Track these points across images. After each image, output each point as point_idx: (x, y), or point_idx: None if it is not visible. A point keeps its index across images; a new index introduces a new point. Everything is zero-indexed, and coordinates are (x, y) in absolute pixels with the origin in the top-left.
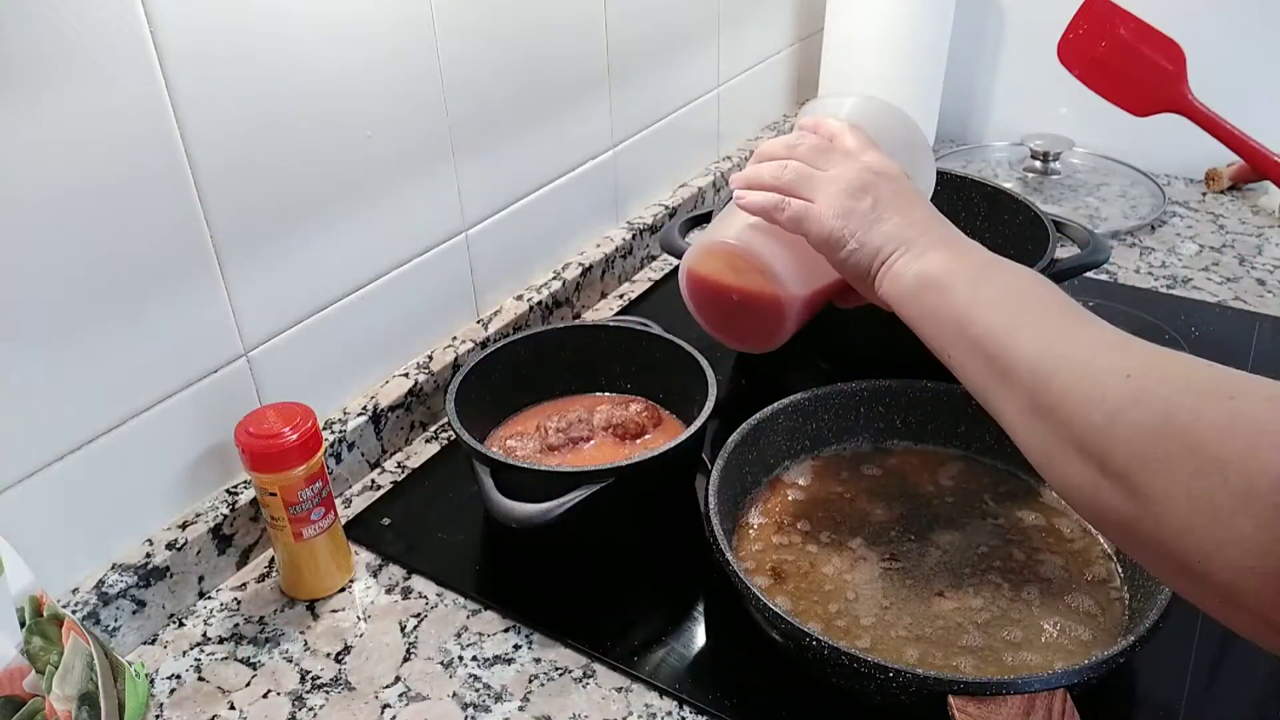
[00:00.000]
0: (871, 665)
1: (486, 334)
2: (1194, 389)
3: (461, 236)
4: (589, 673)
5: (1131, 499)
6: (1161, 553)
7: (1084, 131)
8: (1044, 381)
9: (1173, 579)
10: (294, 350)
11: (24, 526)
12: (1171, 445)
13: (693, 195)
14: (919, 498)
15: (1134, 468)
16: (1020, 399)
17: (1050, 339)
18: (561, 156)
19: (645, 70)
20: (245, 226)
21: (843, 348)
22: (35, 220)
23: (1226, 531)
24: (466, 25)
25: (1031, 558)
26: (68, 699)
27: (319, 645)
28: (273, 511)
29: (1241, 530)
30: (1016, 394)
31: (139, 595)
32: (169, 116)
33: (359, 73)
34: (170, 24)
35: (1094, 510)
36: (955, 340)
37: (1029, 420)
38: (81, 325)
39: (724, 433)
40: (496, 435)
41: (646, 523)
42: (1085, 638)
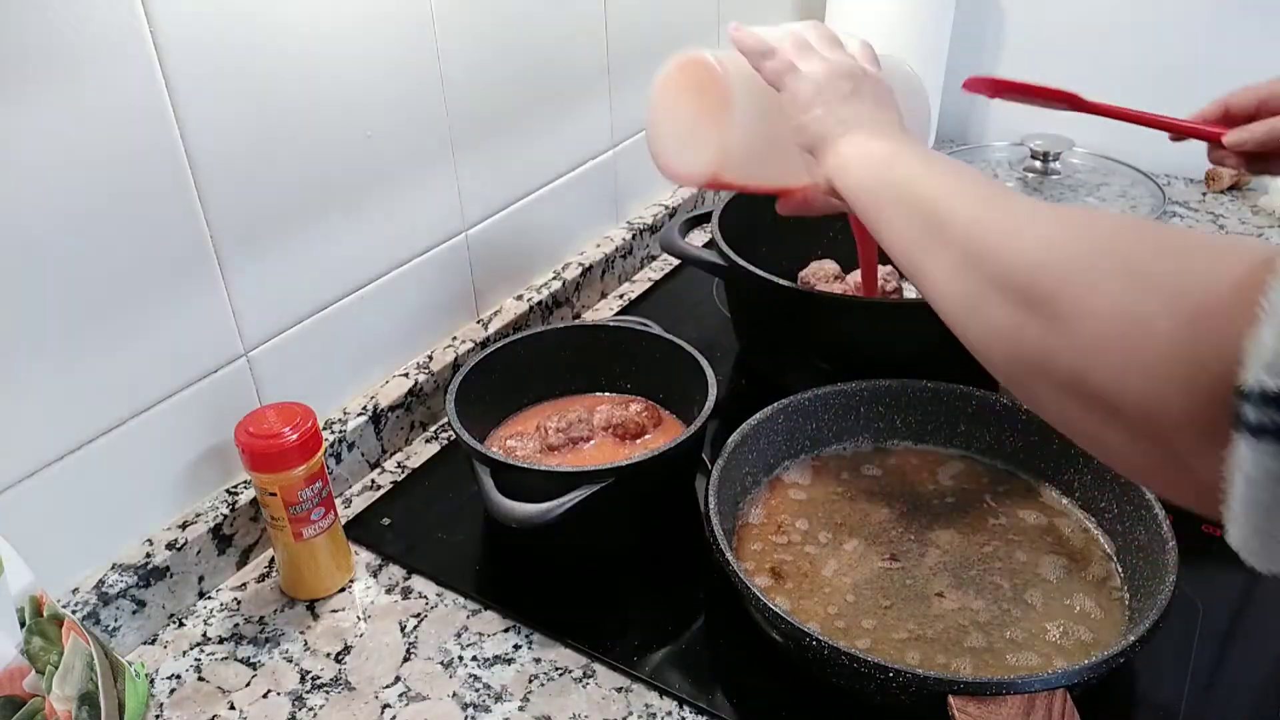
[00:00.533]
0: (871, 665)
1: (486, 334)
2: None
3: (461, 236)
4: (589, 673)
5: (1052, 326)
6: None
7: (1084, 131)
8: (980, 233)
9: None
10: (294, 350)
11: (24, 526)
12: (1103, 264)
13: (693, 195)
14: (919, 498)
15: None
16: (952, 253)
17: (992, 201)
18: (561, 156)
19: (645, 70)
20: (245, 227)
21: (843, 348)
22: (35, 221)
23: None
24: (466, 26)
25: (1032, 558)
26: (68, 699)
27: (319, 645)
28: (273, 511)
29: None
30: (949, 249)
31: (139, 595)
32: (169, 117)
33: (359, 73)
34: (170, 25)
35: (1013, 352)
36: (894, 203)
37: (957, 272)
38: (81, 325)
39: (724, 433)
40: (496, 435)
41: (646, 523)
42: (1085, 638)
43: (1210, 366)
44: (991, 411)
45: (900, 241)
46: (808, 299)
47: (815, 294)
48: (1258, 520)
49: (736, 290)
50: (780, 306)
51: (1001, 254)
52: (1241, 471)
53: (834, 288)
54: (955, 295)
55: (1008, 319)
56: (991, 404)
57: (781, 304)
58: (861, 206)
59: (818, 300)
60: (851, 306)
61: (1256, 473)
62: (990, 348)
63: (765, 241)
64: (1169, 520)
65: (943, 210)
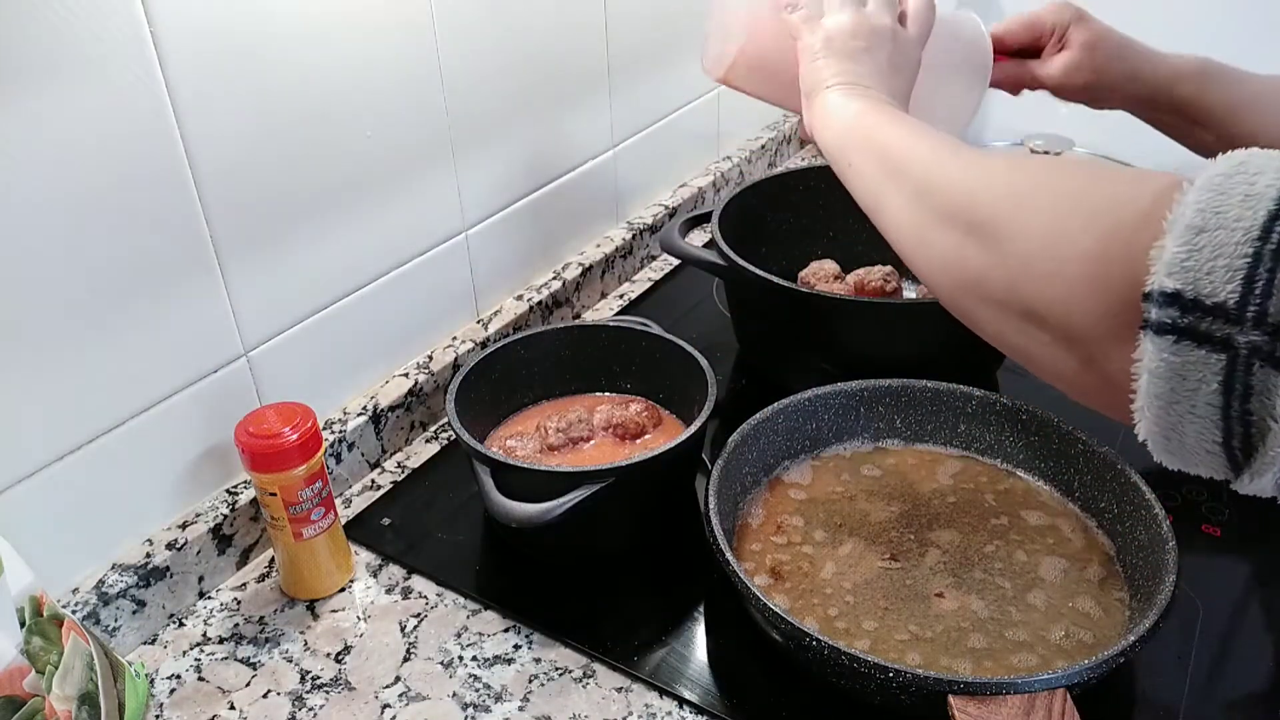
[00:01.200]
0: (871, 665)
1: (486, 334)
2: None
3: (461, 236)
4: (589, 673)
5: (989, 248)
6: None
7: (1084, 131)
8: (931, 172)
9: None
10: (294, 350)
11: (24, 526)
12: (1034, 191)
13: (693, 195)
14: (919, 498)
15: (995, 214)
16: (906, 189)
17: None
18: (561, 156)
19: (645, 70)
20: (245, 226)
21: (843, 348)
22: (35, 220)
23: (1069, 251)
24: (466, 25)
25: (1032, 558)
26: (68, 699)
27: (319, 645)
28: (273, 511)
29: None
30: (904, 186)
31: (139, 595)
32: (169, 117)
33: (359, 73)
34: (170, 24)
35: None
36: (860, 149)
37: (910, 206)
38: (81, 325)
39: (724, 433)
40: (496, 435)
41: (646, 523)
42: (1086, 638)
43: (1122, 275)
44: (991, 411)
45: (863, 182)
46: (808, 299)
47: (815, 294)
48: (1159, 412)
49: (736, 290)
50: (780, 306)
51: (947, 188)
52: (1146, 367)
53: (834, 288)
54: (908, 227)
55: (952, 245)
56: (991, 404)
57: (781, 304)
58: (832, 152)
59: (818, 300)
60: (851, 306)
61: (1158, 366)
62: (936, 273)
63: (765, 241)
64: (1169, 520)
65: (901, 154)
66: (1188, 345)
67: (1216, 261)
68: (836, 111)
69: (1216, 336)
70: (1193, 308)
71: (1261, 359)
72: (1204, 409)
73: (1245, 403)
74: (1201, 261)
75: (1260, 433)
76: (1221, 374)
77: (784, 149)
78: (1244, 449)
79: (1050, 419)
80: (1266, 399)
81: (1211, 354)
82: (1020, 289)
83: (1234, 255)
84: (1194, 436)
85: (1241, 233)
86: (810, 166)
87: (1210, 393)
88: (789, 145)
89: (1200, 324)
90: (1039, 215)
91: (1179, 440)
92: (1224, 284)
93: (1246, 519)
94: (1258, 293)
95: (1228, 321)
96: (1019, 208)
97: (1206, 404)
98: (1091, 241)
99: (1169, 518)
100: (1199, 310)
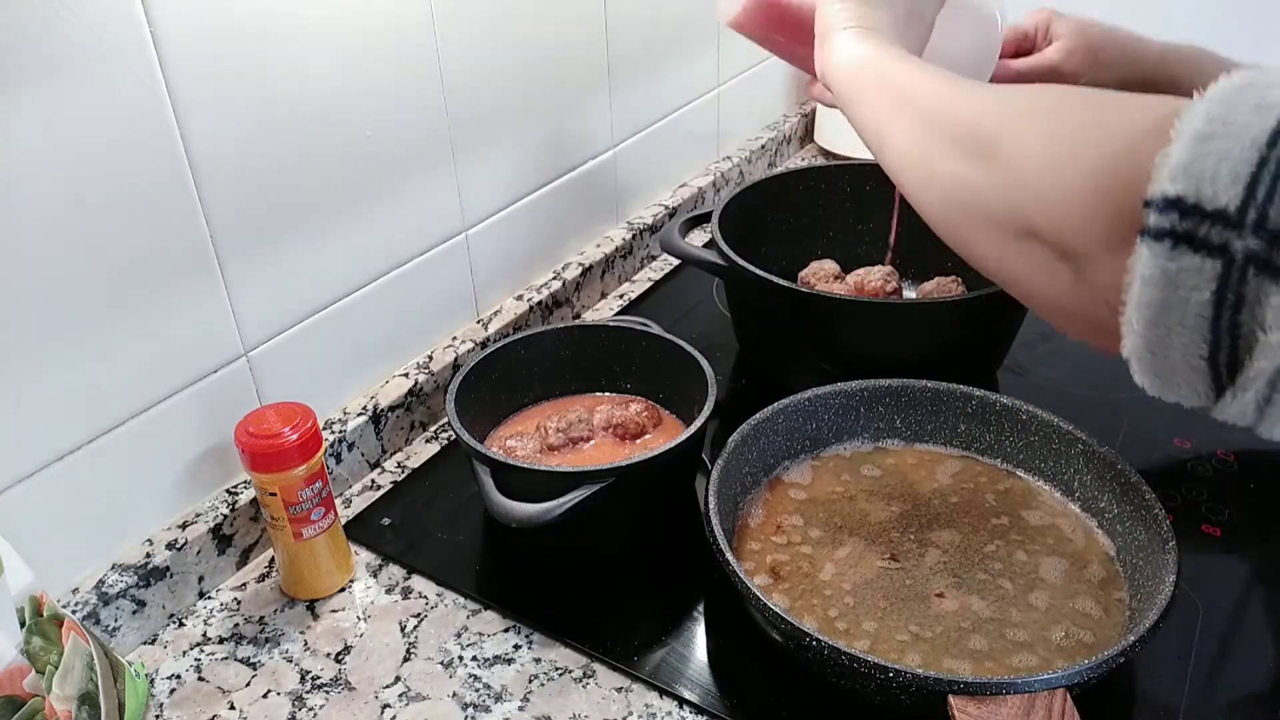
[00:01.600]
0: (871, 665)
1: (486, 334)
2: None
3: (461, 236)
4: (589, 673)
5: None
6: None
7: None
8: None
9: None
10: (294, 350)
11: (24, 526)
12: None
13: (693, 195)
14: (919, 498)
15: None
16: (914, 118)
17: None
18: (561, 156)
19: (645, 70)
20: (245, 226)
21: (843, 348)
22: (35, 220)
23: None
24: (467, 25)
25: (1032, 558)
26: (68, 699)
27: (319, 645)
28: (273, 511)
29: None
30: (912, 116)
31: (139, 595)
32: (169, 117)
33: (359, 73)
34: (170, 25)
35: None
36: (870, 83)
37: (915, 133)
38: (82, 325)
39: (724, 433)
40: (496, 435)
41: (646, 523)
42: (1086, 639)
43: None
44: (991, 411)
45: (872, 115)
46: (808, 299)
47: (815, 294)
48: (1148, 323)
49: (736, 290)
50: (780, 306)
51: (955, 114)
52: (1139, 274)
53: (834, 288)
54: (913, 156)
55: (956, 170)
56: (991, 404)
57: (781, 304)
58: (841, 88)
59: (818, 300)
60: (851, 306)
61: (1151, 273)
62: (937, 200)
63: (765, 241)
64: (1169, 520)
65: (910, 87)
66: (1184, 250)
67: (1221, 167)
68: (849, 50)
69: (1214, 242)
70: (1193, 212)
71: (1257, 266)
72: (1193, 320)
73: (1236, 313)
74: (1206, 167)
75: (1247, 346)
76: (1215, 282)
77: (784, 149)
78: (1229, 365)
79: (1050, 419)
80: (1258, 309)
81: (1207, 260)
82: (1020, 203)
83: (1239, 160)
84: (1180, 350)
85: (1249, 139)
86: (810, 166)
87: (1201, 302)
88: (789, 145)
89: (1199, 229)
90: (1044, 131)
91: (1164, 356)
92: (1227, 188)
93: (1246, 519)
94: (1259, 198)
95: (1227, 226)
96: (1025, 125)
97: (1197, 315)
98: (1096, 151)
99: (1169, 518)
100: (1199, 215)
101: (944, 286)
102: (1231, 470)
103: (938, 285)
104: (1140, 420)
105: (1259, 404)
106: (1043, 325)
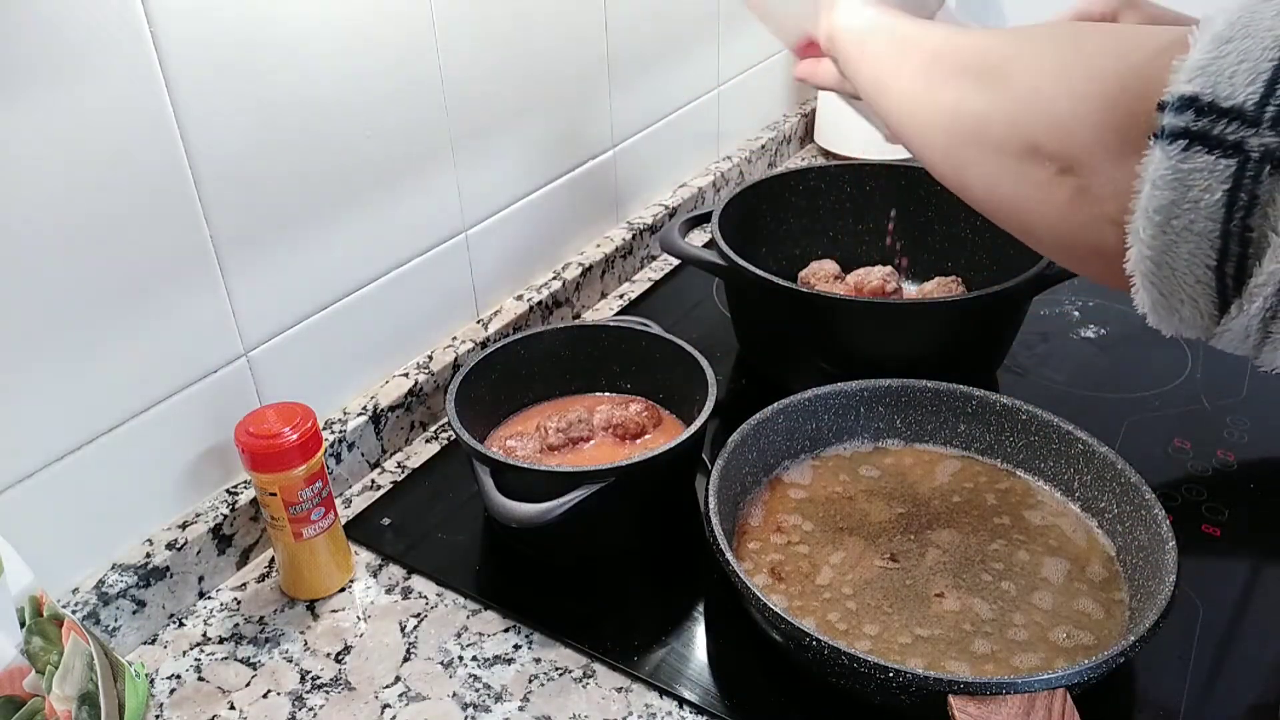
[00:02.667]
0: (871, 665)
1: (486, 334)
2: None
3: (461, 236)
4: (589, 673)
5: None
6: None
7: None
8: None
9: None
10: (294, 350)
11: (24, 526)
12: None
13: (693, 195)
14: (919, 498)
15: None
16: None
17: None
18: (561, 156)
19: (645, 70)
20: (245, 226)
21: (843, 348)
22: (35, 221)
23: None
24: (466, 25)
25: (1032, 558)
26: (68, 699)
27: (319, 645)
28: (273, 511)
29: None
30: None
31: (139, 595)
32: (169, 117)
33: (359, 73)
34: (170, 24)
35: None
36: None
37: (919, 71)
38: (82, 325)
39: (724, 433)
40: (496, 435)
41: (646, 523)
42: (1086, 639)
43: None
44: (991, 411)
45: (875, 63)
46: (808, 299)
47: (815, 294)
48: (1155, 230)
49: (736, 290)
50: (780, 306)
51: (959, 49)
52: (1150, 177)
53: (834, 288)
54: (914, 92)
55: (958, 97)
56: (991, 404)
57: (781, 304)
58: (846, 42)
59: (818, 300)
60: (851, 306)
61: (1163, 175)
62: (935, 129)
63: (765, 241)
64: (1169, 520)
65: (916, 33)
66: (1198, 150)
67: (1240, 65)
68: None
69: (1229, 140)
70: (1209, 110)
71: (1273, 164)
72: (1203, 224)
73: (1247, 216)
74: (1225, 66)
75: (1258, 251)
76: (1228, 182)
77: (784, 149)
78: (1236, 274)
79: (1050, 419)
80: (1271, 209)
81: (1221, 159)
82: (1023, 121)
83: (1259, 59)
84: (1186, 259)
85: (1271, 39)
86: (810, 166)
87: (1213, 204)
88: (789, 145)
89: (1214, 127)
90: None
91: (1169, 267)
92: (1245, 86)
93: (1246, 519)
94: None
95: (1244, 124)
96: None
97: (1207, 218)
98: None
99: (1169, 518)
100: (1215, 113)
101: (944, 286)
102: (1231, 470)
103: (938, 285)
104: (1140, 420)
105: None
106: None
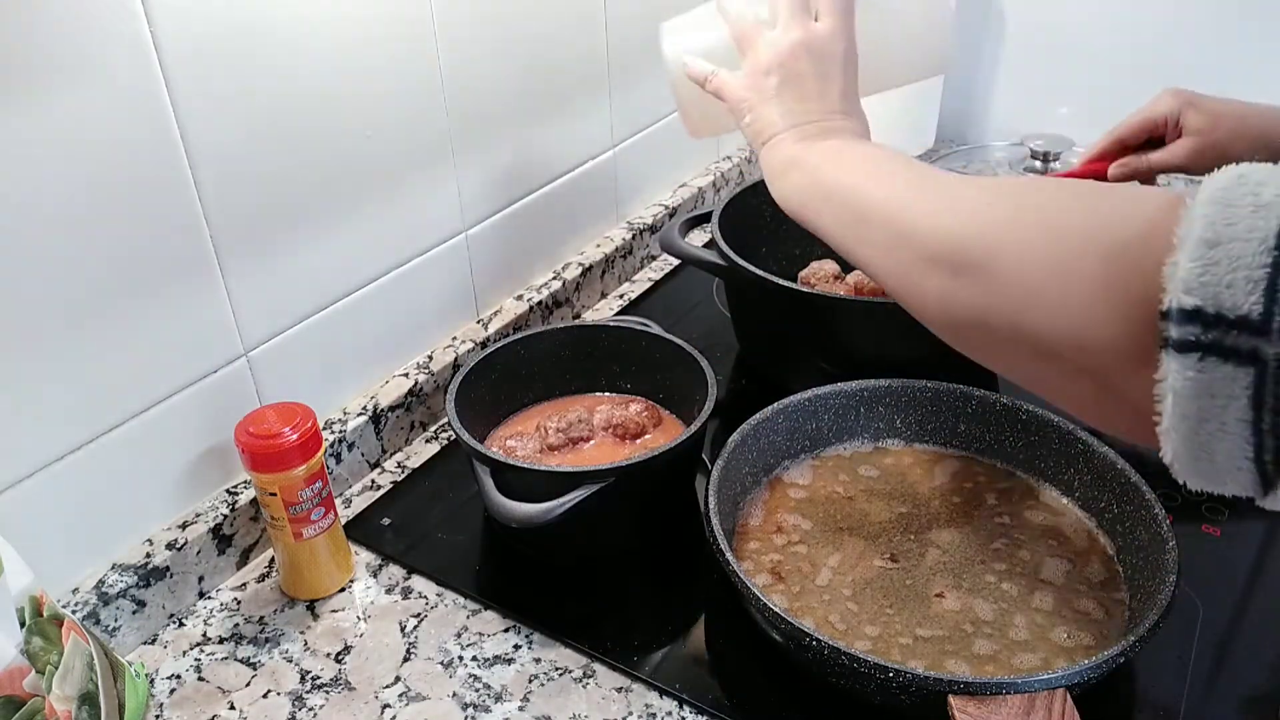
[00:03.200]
0: (871, 665)
1: (486, 334)
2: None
3: (461, 236)
4: (589, 673)
5: (986, 287)
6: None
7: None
8: (904, 214)
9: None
10: (294, 350)
11: (24, 526)
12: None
13: (693, 195)
14: (919, 498)
15: (989, 255)
16: (880, 234)
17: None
18: (561, 156)
19: (645, 70)
20: (245, 227)
21: (843, 348)
22: (35, 220)
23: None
24: (466, 25)
25: (1032, 558)
26: (68, 699)
27: (319, 645)
28: (273, 511)
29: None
30: (876, 232)
31: (139, 595)
32: (169, 117)
33: (359, 73)
34: (170, 24)
35: (950, 314)
36: (821, 203)
37: (887, 252)
38: (81, 325)
39: (724, 433)
40: (496, 435)
41: (646, 523)
42: (1086, 639)
43: (1133, 296)
44: (991, 411)
45: (834, 235)
46: (808, 299)
47: (815, 294)
48: (1188, 432)
49: (736, 290)
50: (780, 306)
51: (922, 231)
52: (1170, 387)
53: (834, 288)
54: (890, 271)
55: (941, 286)
56: (991, 404)
57: (781, 304)
58: (794, 210)
59: (818, 300)
60: (851, 306)
61: (1183, 385)
62: (928, 311)
63: (765, 241)
64: (1169, 520)
65: (865, 204)
66: (1213, 361)
67: (1235, 274)
68: (784, 168)
69: (1243, 350)
70: (1215, 323)
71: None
72: (1234, 425)
73: (1277, 415)
74: (1219, 275)
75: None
76: (1250, 388)
77: None
78: (1275, 462)
79: (1050, 419)
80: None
81: (1239, 368)
82: (1025, 324)
83: (1252, 266)
84: (1224, 454)
85: (1257, 243)
86: None
87: (1240, 407)
88: None
89: (1225, 338)
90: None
91: (1208, 460)
92: (1246, 296)
93: (1246, 519)
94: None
95: (1254, 334)
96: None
97: (1237, 419)
98: (1095, 264)
99: (1169, 518)
100: (1222, 325)
101: None
102: None
103: None
104: None
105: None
106: None
